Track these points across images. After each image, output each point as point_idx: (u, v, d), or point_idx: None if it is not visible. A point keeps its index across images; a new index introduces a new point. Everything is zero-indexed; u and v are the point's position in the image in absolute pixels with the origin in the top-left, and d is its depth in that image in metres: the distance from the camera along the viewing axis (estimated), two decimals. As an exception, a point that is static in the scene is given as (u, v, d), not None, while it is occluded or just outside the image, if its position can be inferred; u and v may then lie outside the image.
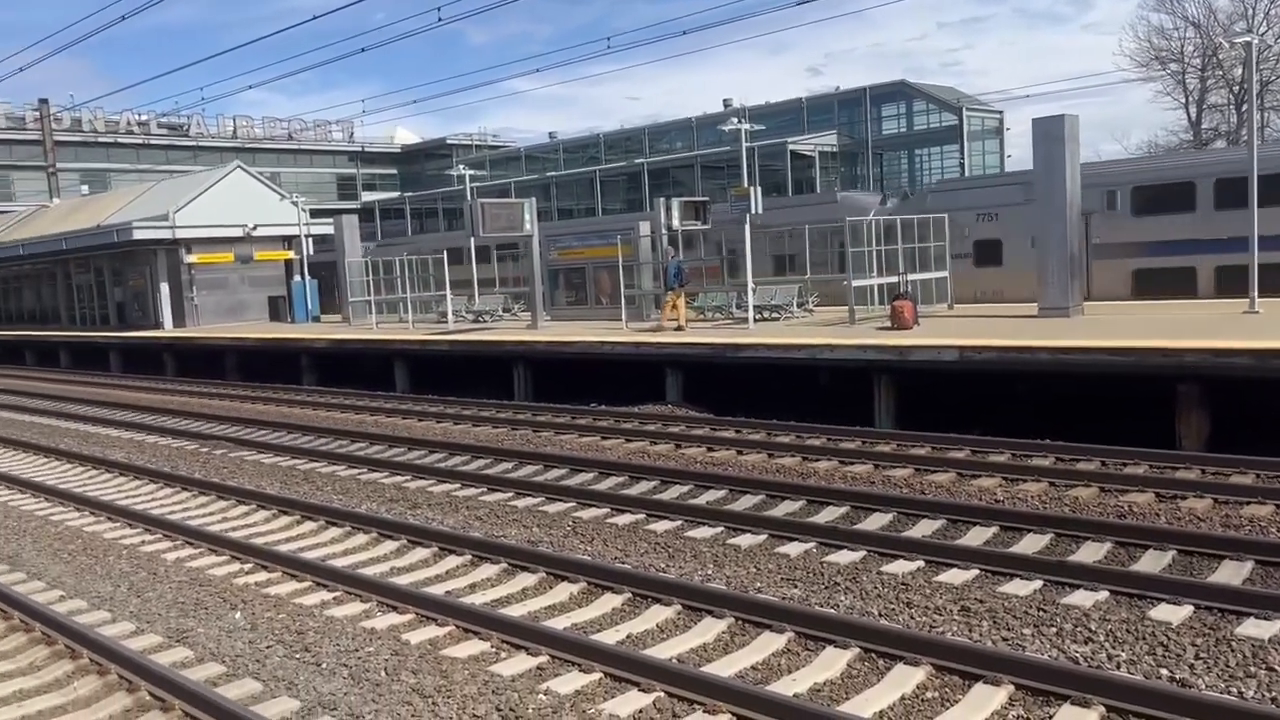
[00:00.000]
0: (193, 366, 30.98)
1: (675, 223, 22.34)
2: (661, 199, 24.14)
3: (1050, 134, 18.36)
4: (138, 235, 34.84)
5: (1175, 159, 31.30)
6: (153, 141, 66.22)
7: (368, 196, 70.84)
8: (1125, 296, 21.91)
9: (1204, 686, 5.91)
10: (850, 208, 25.34)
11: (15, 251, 42.44)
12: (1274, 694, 5.76)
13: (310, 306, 35.99)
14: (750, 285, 21.48)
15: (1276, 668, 6.05)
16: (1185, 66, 44.43)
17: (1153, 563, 8.13)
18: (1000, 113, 49.89)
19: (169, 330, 35.74)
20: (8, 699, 6.70)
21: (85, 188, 57.18)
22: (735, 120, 24.07)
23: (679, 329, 20.96)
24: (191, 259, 36.20)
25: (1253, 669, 6.07)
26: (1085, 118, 19.46)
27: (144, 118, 64.35)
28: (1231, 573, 7.75)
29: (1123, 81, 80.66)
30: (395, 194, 70.46)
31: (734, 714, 5.83)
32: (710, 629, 7.25)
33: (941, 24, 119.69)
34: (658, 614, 7.62)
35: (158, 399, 24.63)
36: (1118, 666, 6.26)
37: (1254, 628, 6.60)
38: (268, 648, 7.39)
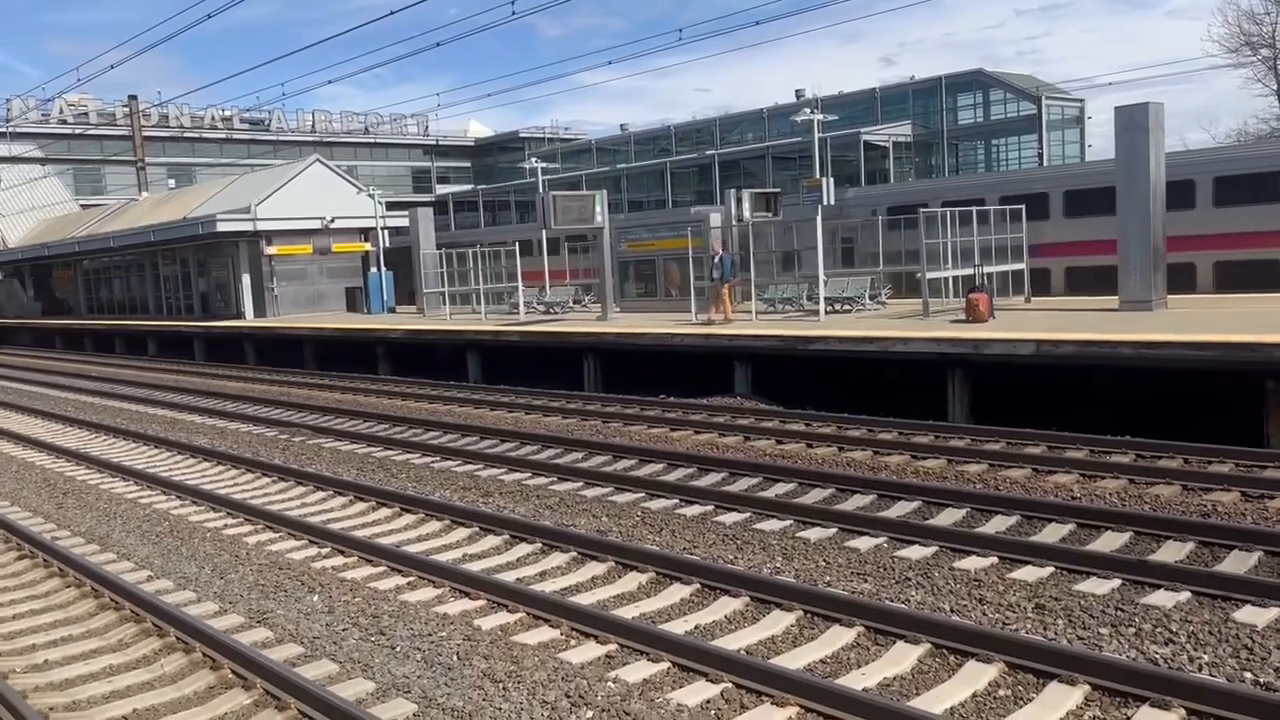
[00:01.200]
0: (272, 356, 31.75)
1: (746, 214, 22.22)
2: (732, 190, 24.02)
3: (1134, 122, 17.83)
4: (221, 228, 35.80)
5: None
6: (235, 136, 67.98)
7: (442, 189, 71.77)
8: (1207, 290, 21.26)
9: (1291, 692, 5.73)
10: None
11: (106, 244, 43.93)
12: (1366, 701, 5.55)
13: (386, 297, 36.63)
14: (822, 277, 21.29)
15: (1368, 674, 5.84)
16: (1277, 51, 42.71)
17: (1238, 563, 7.89)
18: (1081, 101, 48.59)
19: (250, 320, 36.68)
20: (99, 674, 6.98)
21: (172, 181, 59.11)
22: (808, 111, 23.84)
23: (726, 321, 21.17)
24: (272, 250, 37.08)
25: (1343, 675, 5.87)
26: (1170, 106, 18.87)
27: (227, 113, 66.09)
28: (1322, 575, 7.49)
29: (1210, 68, 77.85)
30: (469, 186, 71.28)
31: (802, 707, 5.82)
32: (779, 622, 7.24)
33: (1019, 11, 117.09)
34: (726, 605, 7.63)
35: (239, 387, 25.33)
36: (1199, 669, 6.11)
37: (1345, 632, 6.38)
38: (344, 630, 7.58)
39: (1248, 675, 5.98)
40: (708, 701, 6.02)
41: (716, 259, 21.99)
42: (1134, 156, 17.92)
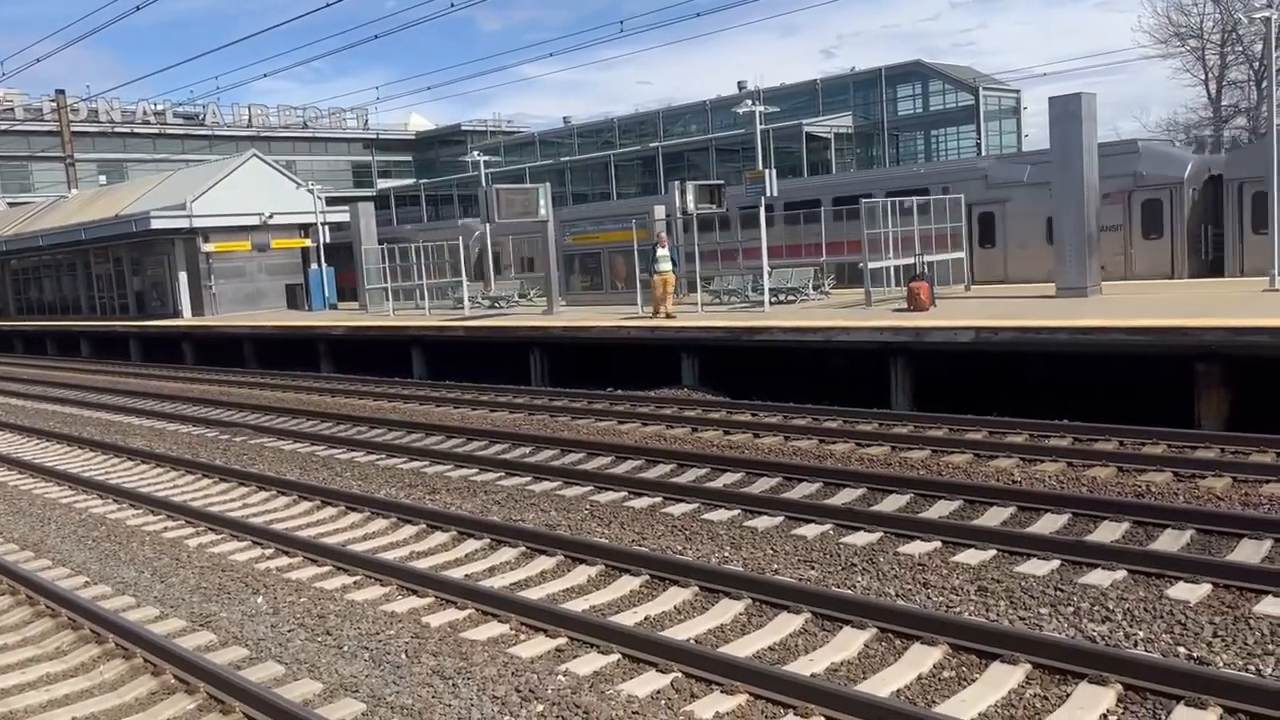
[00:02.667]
0: (211, 355, 31.19)
1: (690, 206, 22.28)
2: (676, 182, 24.08)
3: (1067, 112, 18.21)
4: (156, 225, 35.03)
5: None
6: (169, 131, 66.46)
7: (383, 184, 70.98)
8: None
9: (1222, 664, 5.91)
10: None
11: (35, 242, 42.78)
12: (1293, 672, 5.75)
13: (327, 294, 36.16)
14: (766, 268, 21.43)
15: (1295, 645, 6.04)
16: (1205, 42, 43.87)
17: (1171, 542, 8.11)
18: (1017, 92, 49.48)
19: (187, 319, 35.98)
20: (36, 683, 6.81)
21: (103, 178, 57.56)
22: (749, 103, 23.96)
23: (668, 317, 20.47)
24: (209, 248, 36.38)
25: (1271, 647, 6.06)
26: (1102, 96, 19.33)
27: (160, 107, 64.56)
28: (1250, 551, 7.73)
29: (1141, 59, 79.54)
30: (410, 181, 70.57)
31: (751, 694, 5.87)
32: (728, 610, 7.29)
33: (955, 4, 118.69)
34: (675, 596, 7.66)
35: (177, 387, 24.84)
36: (1135, 645, 6.27)
37: (1273, 606, 6.59)
38: (289, 631, 7.48)
39: (1181, 650, 6.15)
40: (658, 691, 6.04)
41: (663, 251, 21.61)
42: (1067, 146, 18.31)
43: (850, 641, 6.58)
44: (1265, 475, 9.67)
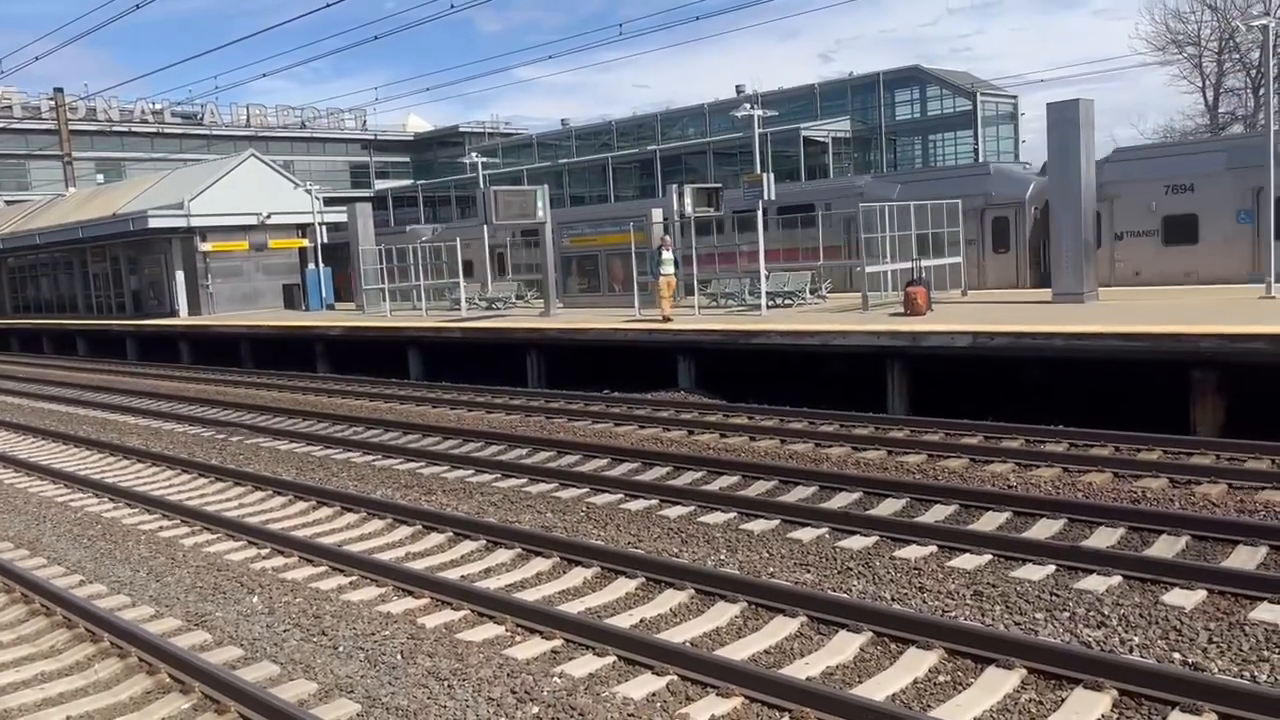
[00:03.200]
0: (208, 354, 31.16)
1: (688, 209, 22.31)
2: (674, 185, 24.10)
3: (1065, 119, 18.23)
4: (153, 224, 35.01)
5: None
6: (167, 130, 66.41)
7: (381, 184, 70.96)
8: None
9: (1217, 670, 5.92)
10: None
11: (32, 240, 42.72)
12: (1287, 678, 5.76)
13: (324, 294, 36.13)
14: (763, 271, 21.45)
15: (1290, 652, 6.05)
16: (1202, 50, 43.99)
17: (1166, 548, 8.12)
18: (1015, 98, 49.57)
19: (184, 318, 35.95)
20: (30, 681, 6.80)
21: (100, 176, 57.55)
22: (748, 106, 23.97)
23: (666, 319, 20.32)
24: (206, 247, 36.37)
25: (1265, 653, 6.07)
26: (1100, 102, 19.35)
27: (158, 107, 64.53)
28: (1245, 558, 7.75)
29: (1139, 65, 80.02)
30: (408, 182, 70.56)
31: (747, 697, 5.87)
32: (723, 613, 7.29)
33: (952, 9, 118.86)
34: (671, 598, 7.67)
35: (174, 386, 24.81)
36: (1130, 651, 6.28)
37: (1267, 612, 6.60)
38: (285, 631, 7.47)
39: (1176, 656, 6.16)
40: (653, 694, 6.05)
41: (667, 254, 21.27)
42: (1065, 152, 18.33)
43: (846, 645, 6.59)
44: (1261, 482, 9.68)
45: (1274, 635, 6.29)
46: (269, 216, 36.67)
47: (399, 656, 6.84)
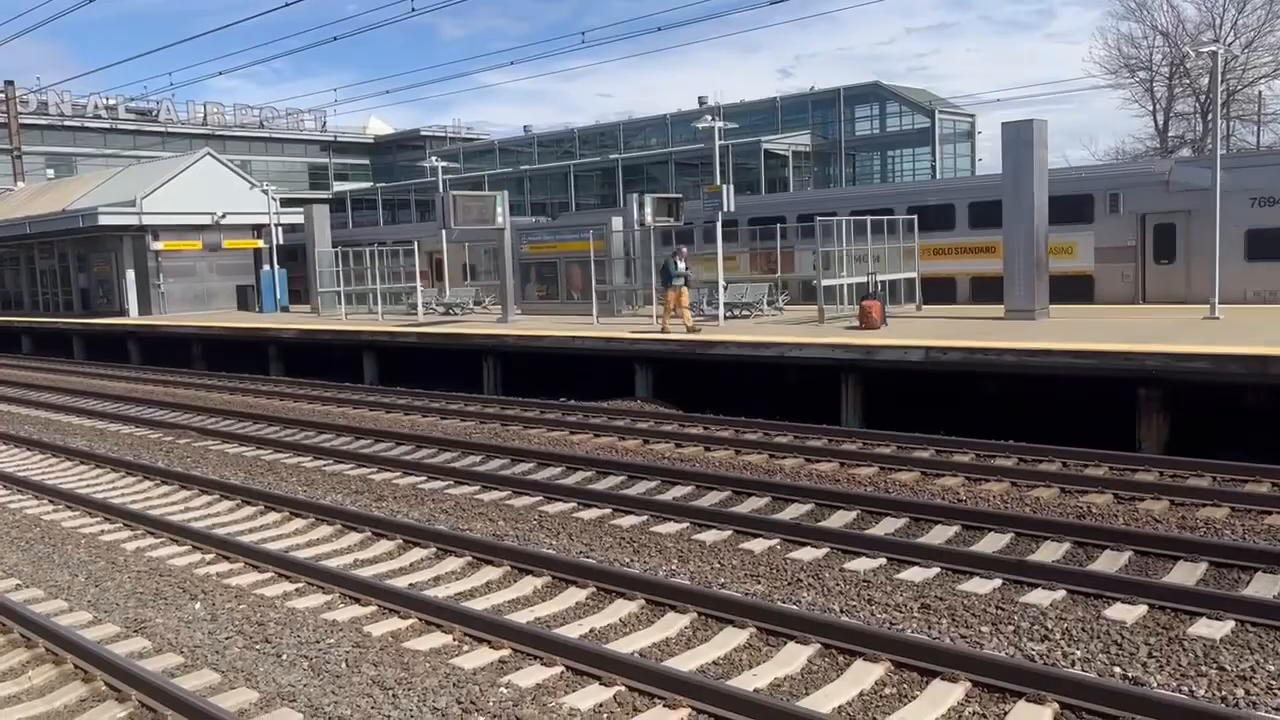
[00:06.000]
0: (158, 355, 30.63)
1: (648, 219, 22.33)
2: (635, 195, 24.14)
3: (1019, 138, 18.52)
4: (104, 221, 34.37)
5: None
6: (121, 126, 65.35)
7: (339, 186, 70.33)
8: None
9: (1156, 685, 6.00)
10: None
11: (-23, 235, 41.75)
12: (1224, 693, 5.86)
13: (279, 296, 35.69)
14: (721, 283, 21.53)
15: (1227, 667, 6.16)
16: (1154, 74, 44.95)
17: (1110, 563, 8.24)
18: (972, 116, 50.33)
19: (134, 318, 35.30)
20: (-40, 688, 6.61)
21: (51, 171, 56.44)
22: (709, 118, 24.06)
23: (690, 330, 19.19)
24: (158, 246, 35.75)
25: (1204, 668, 6.18)
26: (1053, 123, 19.71)
27: (112, 102, 63.54)
28: (1186, 573, 7.88)
29: (1091, 88, 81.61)
30: (367, 184, 69.99)
31: (694, 709, 5.85)
32: (673, 624, 7.28)
33: (910, 29, 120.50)
34: (621, 608, 7.63)
35: (121, 387, 24.34)
36: (1073, 664, 6.35)
37: (1205, 628, 6.71)
38: (227, 639, 7.34)
39: (1117, 670, 6.25)
40: (600, 705, 6.01)
41: (683, 264, 20.25)
42: (1019, 171, 18.61)
43: (794, 657, 6.60)
44: (1201, 499, 9.87)
45: (1212, 651, 6.40)
46: (224, 216, 36.16)
47: (343, 665, 6.74)
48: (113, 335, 33.28)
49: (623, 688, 6.17)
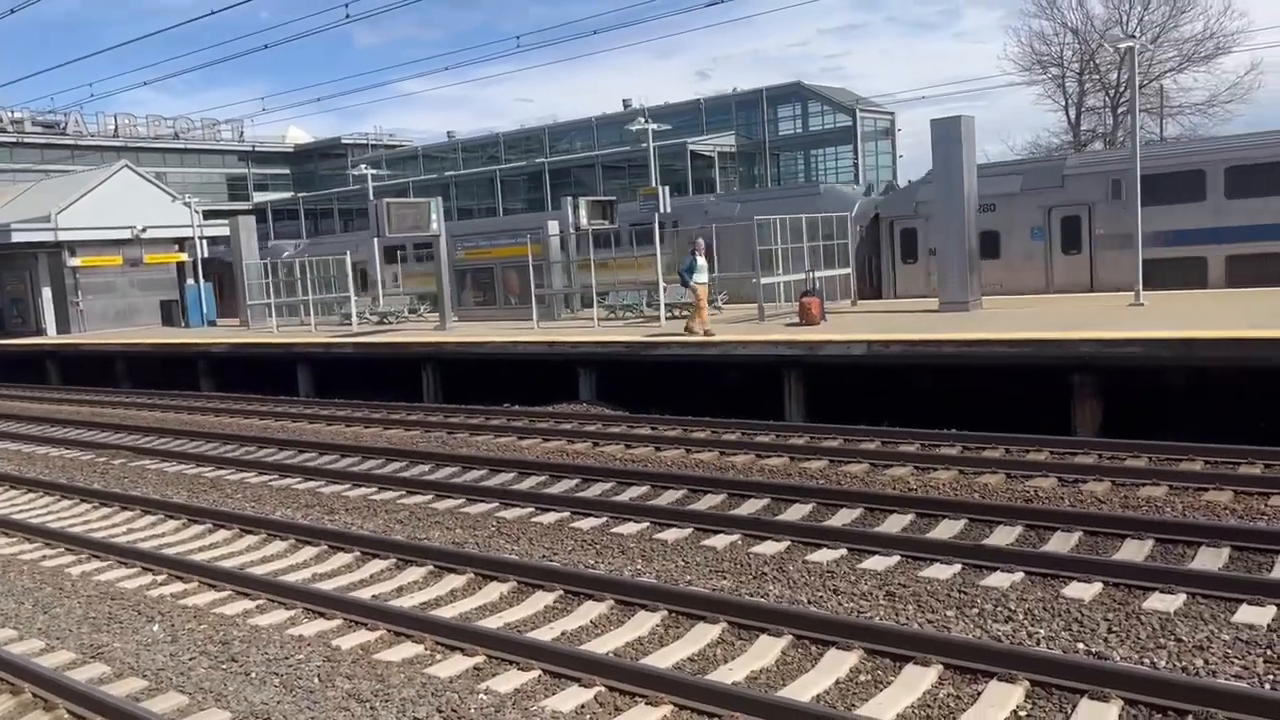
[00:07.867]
0: (79, 374, 29.68)
1: (583, 222, 22.35)
2: (568, 198, 24.14)
3: (948, 135, 18.97)
4: (17, 238, 33.27)
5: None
6: (28, 140, 63.09)
7: (259, 197, 68.90)
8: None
9: (1119, 658, 6.22)
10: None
11: (-121, 255, 39.98)
12: (1184, 664, 6.09)
13: (205, 310, 34.86)
14: (662, 284, 21.63)
15: (1184, 638, 6.40)
16: (1065, 71, 46.29)
17: (1061, 543, 8.50)
18: (892, 114, 51.23)
19: (52, 337, 34.18)
20: (-88, 724, 6.36)
21: (-46, 187, 54.18)
22: (642, 120, 24.21)
23: (707, 333, 18.11)
24: (76, 262, 34.68)
25: (1162, 640, 6.41)
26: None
27: (18, 115, 61.31)
28: (1134, 550, 8.16)
29: (1006, 85, 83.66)
30: (289, 194, 68.68)
31: (676, 704, 5.90)
32: (644, 623, 7.32)
33: (822, 30, 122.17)
34: (591, 610, 7.65)
35: (44, 409, 23.54)
36: (1038, 643, 6.54)
37: (1160, 601, 6.97)
38: (191, 659, 7.17)
39: (1080, 646, 6.46)
40: (582, 706, 6.02)
41: (702, 261, 19.48)
42: (949, 166, 19.07)
43: (768, 649, 6.68)
44: (1140, 479, 10.22)
45: (1168, 623, 6.64)
46: (144, 230, 35.22)
47: (316, 680, 6.64)
48: (30, 355, 32.18)
49: (602, 688, 6.18)
